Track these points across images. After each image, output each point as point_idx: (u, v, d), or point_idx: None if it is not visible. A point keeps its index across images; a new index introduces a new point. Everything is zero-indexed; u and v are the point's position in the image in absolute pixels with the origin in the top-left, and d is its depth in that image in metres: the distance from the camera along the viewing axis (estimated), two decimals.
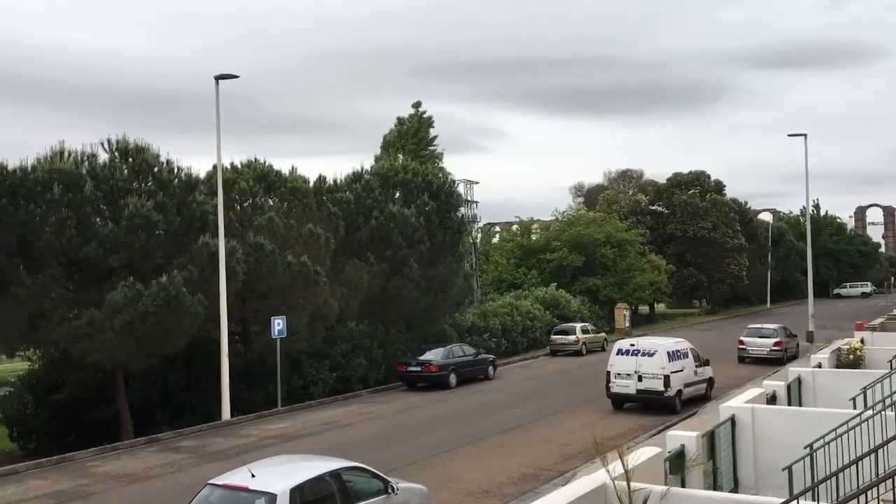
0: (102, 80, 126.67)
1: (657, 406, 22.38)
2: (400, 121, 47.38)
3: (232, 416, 23.24)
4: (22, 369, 26.14)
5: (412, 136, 46.61)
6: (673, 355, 22.85)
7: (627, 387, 22.70)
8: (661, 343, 23.52)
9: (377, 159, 41.17)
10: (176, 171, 23.45)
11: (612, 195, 70.87)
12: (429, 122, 47.43)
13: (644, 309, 62.57)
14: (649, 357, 22.50)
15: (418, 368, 28.90)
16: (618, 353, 23.23)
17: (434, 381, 28.65)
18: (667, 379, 22.14)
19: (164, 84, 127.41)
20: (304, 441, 19.88)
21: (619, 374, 22.85)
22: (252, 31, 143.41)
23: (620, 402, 23.28)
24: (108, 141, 22.45)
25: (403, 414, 23.83)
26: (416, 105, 47.76)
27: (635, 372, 22.53)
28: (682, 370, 22.99)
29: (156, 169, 22.78)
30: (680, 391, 22.72)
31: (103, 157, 22.28)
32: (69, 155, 21.61)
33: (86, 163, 21.77)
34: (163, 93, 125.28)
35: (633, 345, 23.29)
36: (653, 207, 68.35)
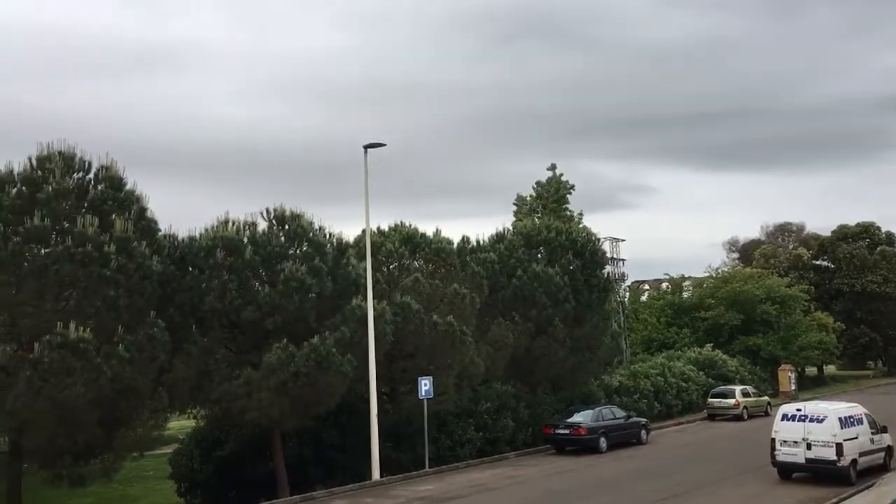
0: (260, 153, 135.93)
1: (829, 477, 20.58)
2: (538, 184, 48.10)
3: (381, 476, 23.51)
4: (189, 427, 27.66)
5: (551, 196, 47.11)
6: (845, 421, 21.01)
7: (795, 455, 21.02)
8: (832, 408, 21.72)
9: (516, 219, 41.92)
10: (328, 236, 24.47)
11: (770, 250, 67.19)
12: (567, 186, 47.75)
13: (811, 371, 58.38)
14: (818, 423, 20.77)
15: (566, 431, 28.17)
16: (783, 419, 21.59)
17: (583, 445, 27.81)
18: (839, 447, 20.32)
19: (315, 155, 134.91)
20: None
21: (784, 441, 21.24)
22: (403, 100, 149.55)
23: (788, 472, 21.61)
24: (267, 209, 23.77)
25: (552, 479, 23.21)
26: (552, 168, 48.46)
27: (803, 439, 20.83)
28: (856, 437, 21.08)
29: (310, 234, 23.86)
30: (854, 461, 20.79)
31: (262, 224, 23.58)
32: (232, 224, 23.06)
33: (247, 231, 23.12)
34: (315, 163, 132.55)
35: (799, 410, 21.59)
36: (816, 262, 64.25)
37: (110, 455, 20.60)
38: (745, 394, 38.42)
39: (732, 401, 37.39)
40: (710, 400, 38.37)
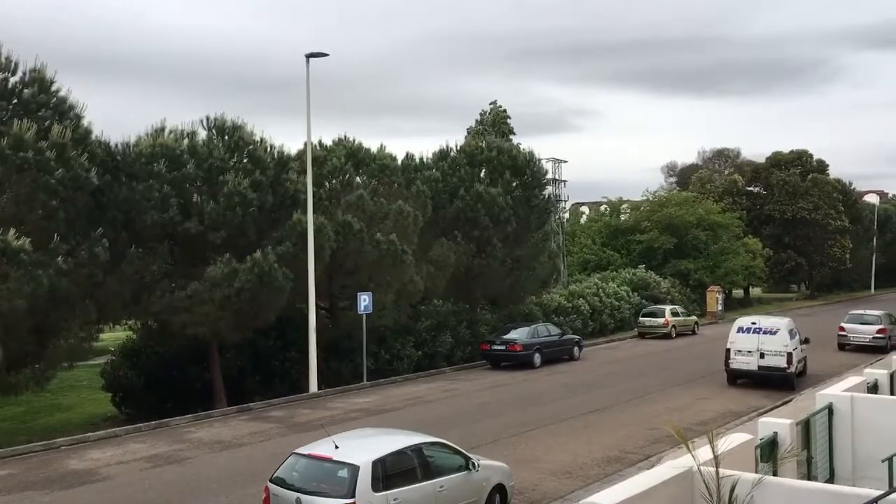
0: (205, 62, 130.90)
1: (779, 382, 22.90)
2: (481, 113, 52.99)
3: (319, 388, 23.81)
4: (123, 338, 27.33)
5: (491, 125, 50.91)
6: (791, 334, 23.58)
7: (748, 363, 23.42)
8: (783, 322, 24.14)
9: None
10: (269, 149, 23.90)
11: (706, 175, 68.57)
12: (504, 115, 52.76)
13: (738, 293, 60.66)
14: (772, 335, 23.19)
15: (503, 347, 28.86)
16: (738, 331, 23.92)
17: (518, 361, 28.58)
18: (790, 356, 22.89)
19: (264, 68, 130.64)
20: (388, 416, 20.19)
21: (739, 350, 23.61)
22: (357, 16, 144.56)
23: (736, 378, 23.95)
24: (207, 118, 22.97)
25: (487, 392, 23.87)
26: (492, 103, 53.13)
27: (757, 349, 23.18)
28: (797, 348, 23.76)
29: (251, 146, 23.24)
30: (797, 369, 23.55)
31: (202, 134, 22.82)
32: (169, 132, 22.26)
33: (185, 140, 22.31)
34: (263, 77, 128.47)
35: (754, 322, 23.98)
36: (750, 188, 65.89)
37: (42, 364, 20.27)
38: (675, 313, 39.71)
39: (662, 320, 38.67)
40: (640, 319, 39.61)
